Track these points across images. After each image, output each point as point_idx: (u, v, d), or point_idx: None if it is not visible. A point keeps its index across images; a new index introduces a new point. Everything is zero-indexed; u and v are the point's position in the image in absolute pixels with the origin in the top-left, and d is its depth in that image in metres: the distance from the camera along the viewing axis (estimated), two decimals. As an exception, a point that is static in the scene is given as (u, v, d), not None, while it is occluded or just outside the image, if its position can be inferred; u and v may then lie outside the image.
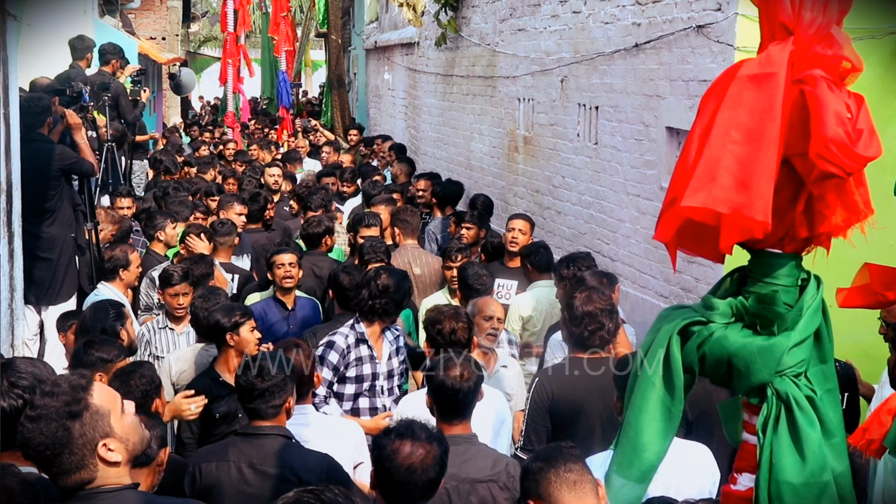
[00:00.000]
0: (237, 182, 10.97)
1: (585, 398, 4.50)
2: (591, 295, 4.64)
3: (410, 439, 3.20)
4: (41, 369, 3.60)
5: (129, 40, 16.66)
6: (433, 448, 3.22)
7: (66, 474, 2.65)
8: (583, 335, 4.57)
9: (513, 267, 7.25)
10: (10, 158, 6.18)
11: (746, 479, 2.45)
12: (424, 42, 14.96)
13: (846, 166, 2.15)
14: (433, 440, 3.24)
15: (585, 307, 4.56)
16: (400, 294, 5.19)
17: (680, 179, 2.27)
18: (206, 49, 39.89)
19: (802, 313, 2.34)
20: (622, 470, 2.44)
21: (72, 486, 2.66)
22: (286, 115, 19.37)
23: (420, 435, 3.23)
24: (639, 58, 8.11)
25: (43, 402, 2.66)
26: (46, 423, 2.62)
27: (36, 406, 2.67)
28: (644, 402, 2.42)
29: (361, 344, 5.17)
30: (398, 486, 3.16)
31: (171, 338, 6.05)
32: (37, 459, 2.68)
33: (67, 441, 2.62)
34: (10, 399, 3.39)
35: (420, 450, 3.18)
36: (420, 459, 3.16)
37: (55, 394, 2.66)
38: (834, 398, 2.39)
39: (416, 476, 3.15)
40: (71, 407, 2.64)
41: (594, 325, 4.55)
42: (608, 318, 4.59)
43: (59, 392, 2.67)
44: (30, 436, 2.63)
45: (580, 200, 9.40)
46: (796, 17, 2.20)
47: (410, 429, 3.25)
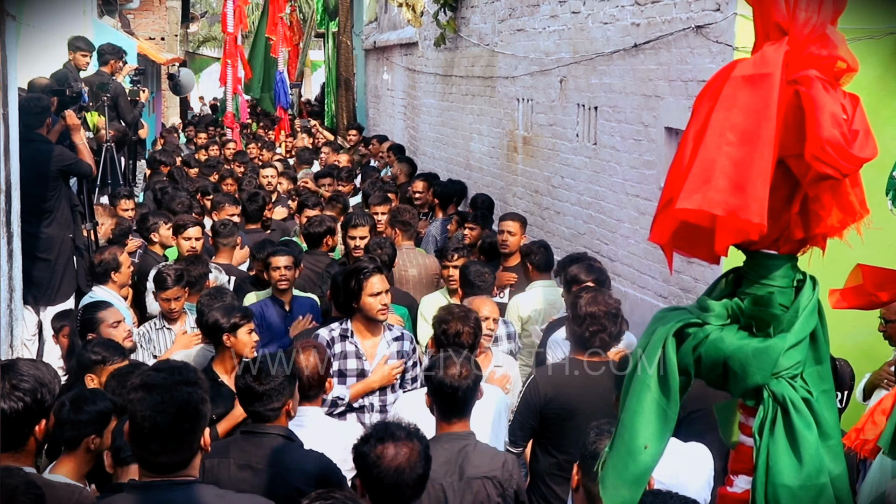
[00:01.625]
0: (236, 183, 10.97)
1: (580, 401, 4.52)
2: (596, 296, 4.66)
3: (391, 441, 3.21)
4: (43, 372, 3.60)
5: (128, 40, 16.63)
6: (415, 444, 3.24)
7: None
8: (584, 335, 4.58)
9: (509, 266, 7.24)
10: (10, 159, 6.17)
11: (743, 481, 2.44)
12: (423, 42, 14.95)
13: (842, 168, 2.14)
14: (412, 437, 3.26)
15: (589, 308, 4.57)
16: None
17: (675, 181, 2.26)
18: (205, 49, 39.87)
19: (798, 315, 2.33)
20: (617, 472, 2.44)
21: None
22: (284, 116, 19.34)
23: (399, 434, 3.25)
24: (638, 58, 8.10)
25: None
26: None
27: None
28: (639, 405, 2.41)
29: (346, 339, 5.17)
30: (390, 489, 3.17)
31: (170, 337, 6.05)
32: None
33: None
34: (11, 401, 3.38)
35: (404, 449, 3.20)
36: (406, 458, 3.18)
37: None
38: (830, 399, 2.38)
39: (406, 475, 3.17)
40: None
41: (596, 327, 4.55)
42: (611, 321, 4.59)
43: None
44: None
45: (579, 201, 9.40)
46: (791, 17, 2.19)
47: (388, 430, 3.27)
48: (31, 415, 3.44)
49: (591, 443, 3.35)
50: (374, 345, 5.21)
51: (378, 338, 5.23)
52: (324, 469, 3.82)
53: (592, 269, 5.80)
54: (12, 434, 3.40)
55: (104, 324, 5.32)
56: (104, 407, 3.86)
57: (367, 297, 5.12)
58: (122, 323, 5.44)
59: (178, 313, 6.11)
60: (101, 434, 3.79)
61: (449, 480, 3.82)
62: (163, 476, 2.79)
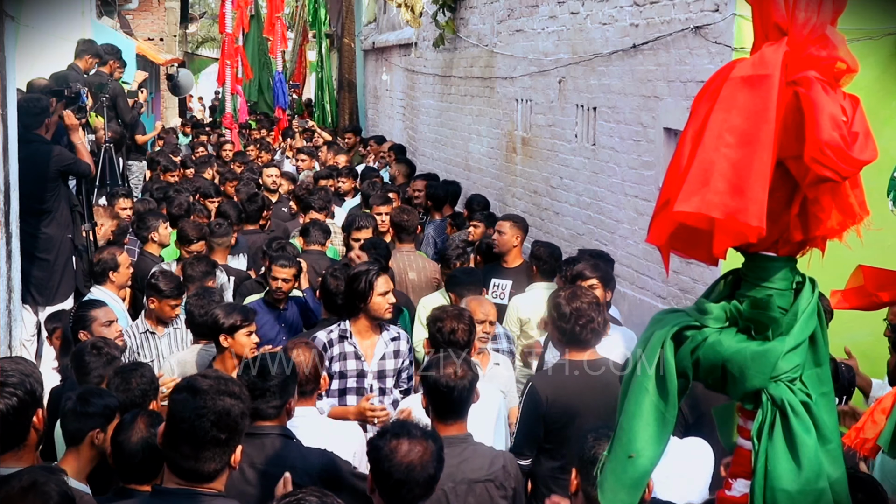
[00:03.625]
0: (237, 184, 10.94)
1: (580, 402, 4.52)
2: (574, 292, 4.75)
3: (406, 437, 3.25)
4: (22, 364, 3.65)
5: (126, 41, 16.63)
6: (430, 444, 3.27)
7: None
8: (574, 330, 4.62)
9: (508, 267, 7.23)
10: (9, 159, 6.16)
11: (741, 484, 2.42)
12: (422, 43, 14.95)
13: (841, 170, 2.12)
14: (428, 437, 3.31)
15: (572, 304, 4.64)
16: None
17: (672, 182, 2.24)
18: (205, 50, 39.85)
19: (797, 317, 2.31)
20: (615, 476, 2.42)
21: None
22: (283, 117, 19.31)
23: (415, 433, 3.29)
24: (637, 59, 8.10)
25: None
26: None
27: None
28: (637, 408, 2.39)
29: (344, 340, 5.17)
30: (399, 484, 3.20)
31: (154, 342, 5.99)
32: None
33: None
34: (5, 399, 3.39)
35: (417, 447, 3.23)
36: (419, 456, 3.22)
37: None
38: (829, 402, 2.36)
39: (417, 473, 3.20)
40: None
41: (584, 319, 4.62)
42: (596, 311, 4.67)
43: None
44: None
45: (578, 201, 9.39)
46: (790, 17, 2.17)
47: (405, 427, 3.32)
48: (27, 406, 3.45)
49: (590, 448, 3.37)
50: (373, 345, 5.23)
51: (376, 338, 5.25)
52: (327, 465, 3.84)
53: (598, 267, 5.83)
54: (13, 431, 3.40)
55: (96, 322, 5.32)
56: (111, 402, 3.90)
57: (377, 297, 5.14)
58: (115, 323, 5.43)
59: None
60: (105, 429, 3.80)
61: (451, 485, 3.81)
62: (191, 484, 2.80)
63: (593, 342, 4.68)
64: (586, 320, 4.61)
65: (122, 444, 3.58)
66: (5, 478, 2.88)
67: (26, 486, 2.79)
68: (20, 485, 2.80)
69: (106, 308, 5.54)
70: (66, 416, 3.83)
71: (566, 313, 4.63)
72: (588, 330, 4.62)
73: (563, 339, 4.72)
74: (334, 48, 22.01)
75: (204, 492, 2.82)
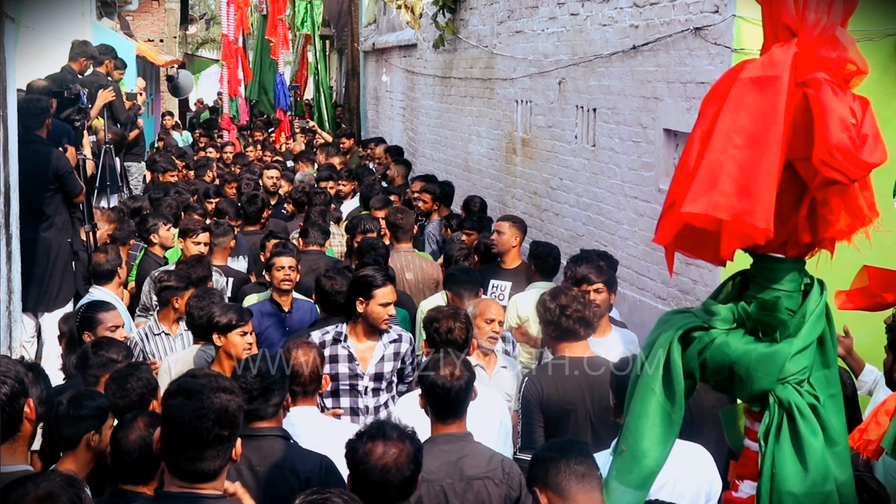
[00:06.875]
0: (237, 185, 10.94)
1: (575, 397, 4.57)
2: (556, 290, 4.89)
3: (382, 440, 3.25)
4: (6, 357, 3.61)
5: (126, 42, 16.62)
6: (406, 446, 3.26)
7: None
8: (562, 323, 4.71)
9: (507, 268, 7.22)
10: (9, 160, 6.16)
11: (748, 486, 2.42)
12: (422, 44, 14.94)
13: (850, 173, 2.11)
14: (405, 439, 3.29)
15: (558, 301, 4.75)
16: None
17: (680, 183, 2.23)
18: (204, 51, 39.81)
19: (805, 319, 2.30)
20: (622, 476, 2.42)
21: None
22: (284, 118, 19.29)
23: (391, 435, 3.28)
24: (636, 60, 8.09)
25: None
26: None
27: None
28: (644, 409, 2.39)
29: (338, 343, 5.17)
30: (375, 486, 3.21)
31: (168, 343, 6.01)
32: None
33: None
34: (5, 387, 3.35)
35: (393, 449, 3.23)
36: (394, 459, 3.22)
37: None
38: (837, 404, 2.35)
39: (392, 475, 3.20)
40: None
41: (570, 310, 4.71)
42: (581, 304, 4.79)
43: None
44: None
45: (578, 202, 9.39)
46: (800, 18, 2.16)
47: (381, 430, 3.31)
48: (18, 394, 3.38)
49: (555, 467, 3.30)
50: (370, 348, 5.20)
51: (375, 341, 5.22)
52: (326, 468, 3.83)
53: (603, 270, 5.83)
54: (8, 420, 3.36)
55: (102, 325, 5.30)
56: (102, 403, 3.88)
57: (377, 306, 5.13)
58: (120, 329, 5.42)
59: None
60: (100, 431, 3.79)
61: (449, 482, 3.83)
62: (194, 485, 2.80)
63: (584, 332, 4.76)
64: (572, 310, 4.71)
65: (120, 442, 3.57)
66: (22, 479, 2.86)
67: (42, 495, 2.77)
68: (36, 493, 2.77)
69: (115, 312, 5.52)
70: (60, 420, 3.80)
71: (552, 308, 4.74)
72: (575, 320, 4.71)
73: (555, 333, 4.79)
74: (334, 49, 21.99)
75: (207, 494, 2.81)
